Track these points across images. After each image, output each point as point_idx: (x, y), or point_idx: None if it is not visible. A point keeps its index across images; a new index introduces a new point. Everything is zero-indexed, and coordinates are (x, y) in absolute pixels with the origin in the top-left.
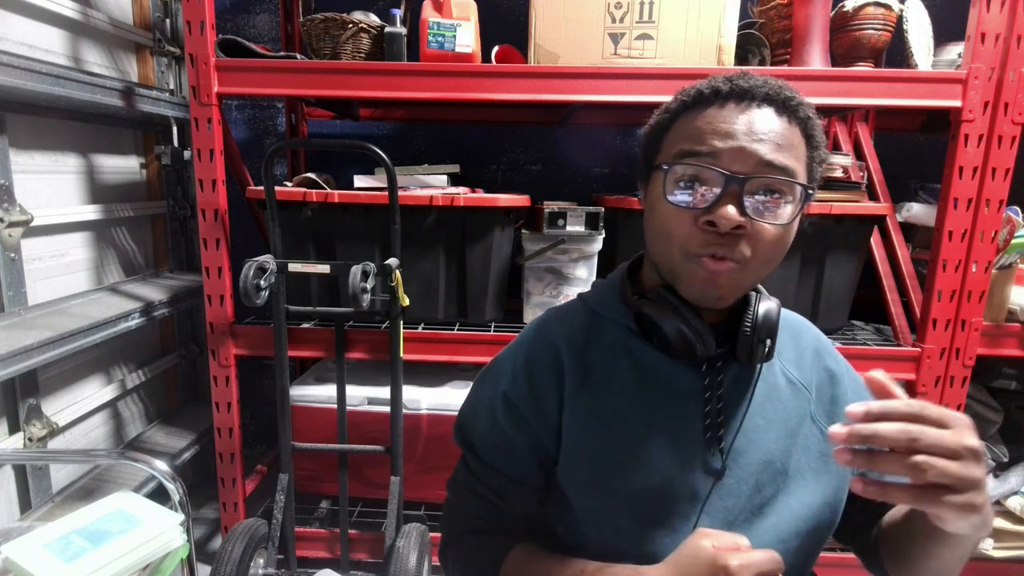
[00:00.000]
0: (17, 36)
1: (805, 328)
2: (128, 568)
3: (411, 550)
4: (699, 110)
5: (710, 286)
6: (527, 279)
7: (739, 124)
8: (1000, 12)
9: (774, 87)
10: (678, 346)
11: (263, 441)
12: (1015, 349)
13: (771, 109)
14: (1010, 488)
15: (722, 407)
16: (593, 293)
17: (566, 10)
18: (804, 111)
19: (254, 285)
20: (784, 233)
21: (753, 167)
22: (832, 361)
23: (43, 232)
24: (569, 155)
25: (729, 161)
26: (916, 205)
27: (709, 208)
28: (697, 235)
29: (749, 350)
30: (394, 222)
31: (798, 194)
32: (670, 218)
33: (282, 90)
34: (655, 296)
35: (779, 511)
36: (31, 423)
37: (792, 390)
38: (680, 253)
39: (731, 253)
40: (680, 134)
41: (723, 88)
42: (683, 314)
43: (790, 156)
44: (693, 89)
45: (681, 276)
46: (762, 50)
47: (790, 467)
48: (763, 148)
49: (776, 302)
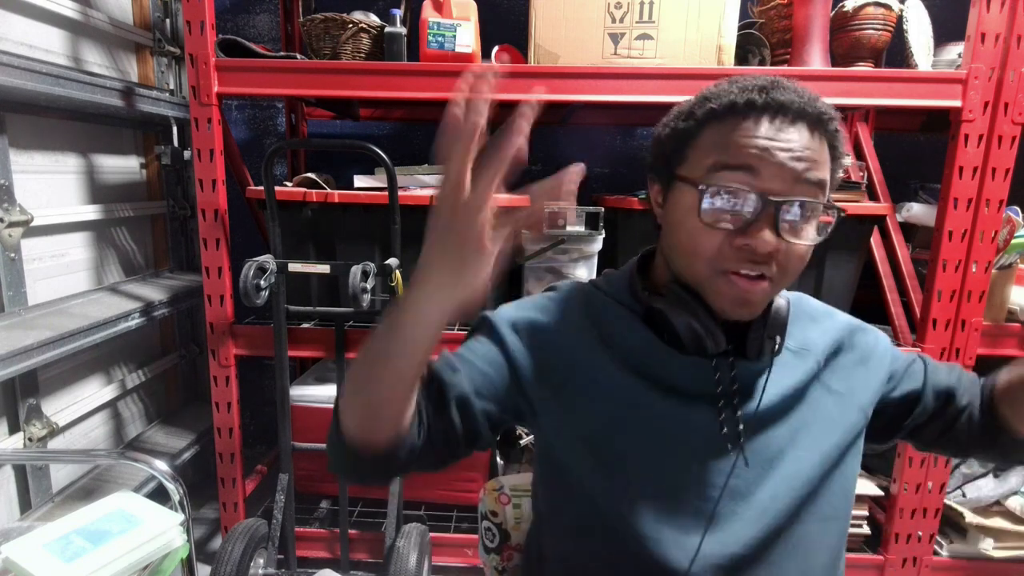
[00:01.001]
0: (17, 36)
1: (828, 314)
2: (128, 568)
3: (411, 550)
4: (733, 122)
5: (743, 303)
6: (527, 279)
7: (777, 141)
8: (1000, 12)
9: (808, 101)
10: (689, 341)
11: (263, 441)
12: (1015, 349)
13: (804, 124)
14: (1010, 488)
15: (737, 403)
16: (603, 281)
17: (566, 10)
18: (833, 125)
19: (254, 285)
20: (810, 250)
21: (790, 185)
22: (845, 332)
23: (43, 232)
24: (569, 155)
25: (767, 179)
26: (916, 205)
27: (746, 230)
28: (729, 252)
29: (759, 347)
30: (394, 222)
31: (828, 214)
32: (700, 234)
33: (282, 90)
34: (667, 292)
35: (787, 462)
36: (31, 423)
37: (796, 357)
38: (709, 268)
39: (767, 271)
40: (712, 145)
41: (758, 100)
42: (695, 310)
43: (823, 172)
44: (724, 97)
45: (710, 290)
46: (762, 50)
47: (799, 427)
48: (800, 166)
49: (787, 299)
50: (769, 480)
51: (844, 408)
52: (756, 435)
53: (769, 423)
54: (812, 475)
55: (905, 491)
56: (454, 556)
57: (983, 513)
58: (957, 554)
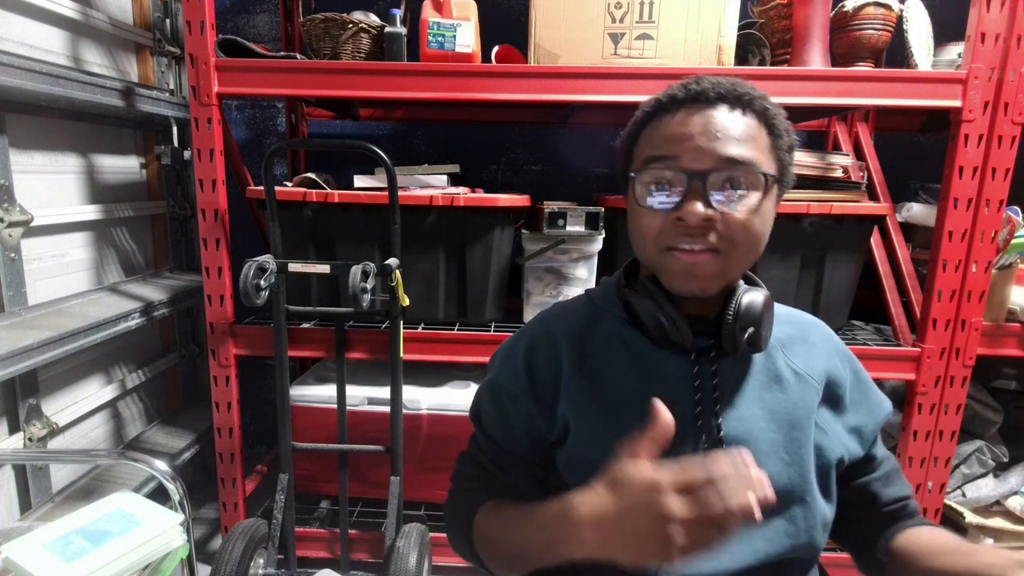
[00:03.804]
0: (17, 36)
1: (815, 326)
2: (128, 568)
3: (411, 550)
4: (660, 118)
5: (689, 276)
6: (527, 279)
7: (695, 126)
8: (1000, 12)
9: (726, 85)
10: (656, 334)
11: (263, 441)
12: (1015, 349)
13: (725, 107)
14: (1010, 488)
15: (718, 396)
16: (597, 289)
17: (566, 10)
18: (760, 103)
19: (254, 285)
20: (755, 219)
21: (713, 164)
22: (838, 362)
23: (43, 232)
24: (569, 155)
25: (689, 161)
26: (916, 205)
27: (677, 206)
28: (668, 229)
29: (732, 339)
30: (394, 222)
31: (763, 183)
32: (645, 220)
33: (282, 90)
34: (640, 288)
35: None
36: (31, 423)
37: (800, 382)
38: (655, 249)
39: (703, 243)
40: (645, 143)
41: (679, 95)
42: (660, 304)
43: (750, 148)
44: (654, 99)
45: (661, 270)
46: (762, 50)
47: (771, 450)
48: (720, 145)
49: (764, 293)
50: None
51: (830, 441)
52: (739, 435)
53: (755, 427)
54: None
55: None
56: (454, 556)
57: (983, 513)
58: None
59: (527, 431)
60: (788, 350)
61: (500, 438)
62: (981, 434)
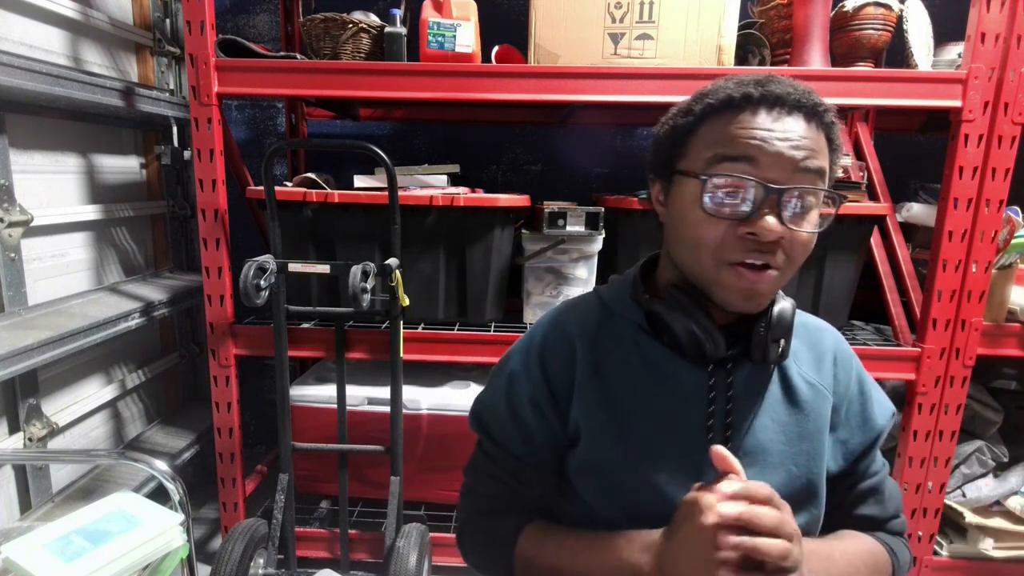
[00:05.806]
0: (17, 36)
1: (825, 333)
2: (128, 568)
3: (411, 550)
4: (730, 115)
5: (751, 295)
6: (527, 279)
7: (775, 132)
8: (1000, 12)
9: (803, 93)
10: (688, 345)
11: (263, 441)
12: (1015, 349)
13: (801, 115)
14: (1010, 488)
15: (731, 408)
16: (607, 289)
17: (566, 10)
18: (829, 116)
19: (254, 285)
20: (813, 238)
21: (790, 173)
22: (845, 376)
23: (43, 232)
24: (569, 155)
25: (767, 168)
26: (916, 205)
27: (750, 219)
28: (734, 243)
29: (763, 350)
30: (394, 222)
31: (827, 201)
32: (703, 224)
33: (282, 90)
34: (667, 295)
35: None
36: (31, 423)
37: (813, 392)
38: (713, 260)
39: (772, 260)
40: (711, 139)
41: (754, 94)
42: (693, 314)
43: (821, 160)
44: (721, 92)
45: (716, 283)
46: (762, 50)
47: (780, 462)
48: (799, 154)
49: (791, 302)
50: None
51: (835, 451)
52: (753, 449)
53: (761, 434)
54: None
55: (905, 491)
56: (454, 556)
57: (983, 513)
58: (957, 554)
59: (547, 436)
60: (799, 359)
61: (518, 450)
62: (981, 434)
